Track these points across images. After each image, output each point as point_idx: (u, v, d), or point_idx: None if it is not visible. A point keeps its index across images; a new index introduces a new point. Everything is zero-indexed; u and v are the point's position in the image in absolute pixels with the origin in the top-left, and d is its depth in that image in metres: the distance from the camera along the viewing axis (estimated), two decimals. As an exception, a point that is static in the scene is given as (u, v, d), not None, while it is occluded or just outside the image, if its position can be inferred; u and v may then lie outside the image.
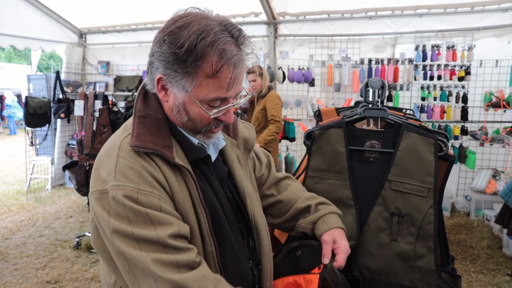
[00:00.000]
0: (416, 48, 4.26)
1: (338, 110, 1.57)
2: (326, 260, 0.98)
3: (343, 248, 1.01)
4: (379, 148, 1.21)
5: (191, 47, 0.78)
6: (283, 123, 3.59)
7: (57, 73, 4.99)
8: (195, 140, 0.92)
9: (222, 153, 1.01)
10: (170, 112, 0.89)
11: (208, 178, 0.92)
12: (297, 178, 1.33)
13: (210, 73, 0.80)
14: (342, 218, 1.16)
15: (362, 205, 1.18)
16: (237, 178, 1.00)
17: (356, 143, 1.24)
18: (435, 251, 1.07)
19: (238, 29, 0.83)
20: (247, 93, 0.91)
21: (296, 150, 4.66)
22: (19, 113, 13.12)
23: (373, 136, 1.23)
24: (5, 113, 13.66)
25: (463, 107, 4.17)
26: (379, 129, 1.28)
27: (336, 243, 1.02)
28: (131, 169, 0.81)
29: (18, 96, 14.03)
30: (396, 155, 1.15)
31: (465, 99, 4.15)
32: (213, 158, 0.97)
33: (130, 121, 0.91)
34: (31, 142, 5.51)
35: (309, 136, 1.30)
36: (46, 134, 5.46)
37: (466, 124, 4.20)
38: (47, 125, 5.25)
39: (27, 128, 5.33)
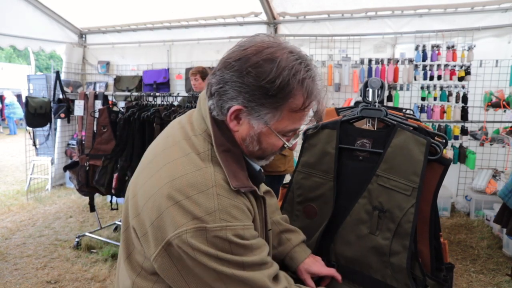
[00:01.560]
0: (416, 48, 4.26)
1: (338, 110, 1.57)
2: (338, 277, 1.09)
3: (324, 271, 1.13)
4: (369, 147, 1.22)
5: (284, 83, 0.78)
6: None
7: (57, 73, 4.99)
8: (256, 167, 0.96)
9: None
10: (241, 142, 0.89)
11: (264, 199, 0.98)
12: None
13: (297, 109, 0.83)
14: (320, 213, 1.25)
15: (346, 199, 1.22)
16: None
17: (347, 141, 1.26)
18: (409, 249, 1.07)
19: (311, 60, 0.86)
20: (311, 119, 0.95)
21: (296, 150, 4.66)
22: (19, 112, 13.14)
23: (365, 135, 1.24)
24: (6, 113, 13.68)
25: (463, 107, 4.17)
26: (371, 129, 1.29)
27: (313, 273, 1.12)
28: (236, 207, 0.82)
29: (18, 96, 14.04)
30: (387, 151, 1.16)
31: (465, 99, 4.15)
32: None
33: (199, 146, 0.86)
34: (33, 142, 5.52)
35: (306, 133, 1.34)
36: (48, 134, 5.46)
37: (466, 124, 4.20)
38: (48, 125, 5.25)
39: (28, 128, 5.33)
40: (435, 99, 4.27)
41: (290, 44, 0.86)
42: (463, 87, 4.18)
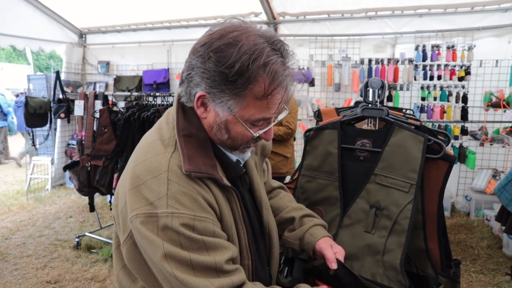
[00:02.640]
0: (416, 48, 4.26)
1: (338, 110, 1.57)
2: (334, 265, 0.97)
3: (341, 252, 1.02)
4: (369, 147, 1.22)
5: (243, 68, 0.74)
6: (295, 131, 3.37)
7: (57, 73, 4.98)
8: (233, 157, 0.91)
9: (244, 162, 0.99)
10: (210, 129, 0.86)
11: (241, 192, 0.92)
12: (296, 177, 1.35)
13: (260, 95, 0.77)
14: (327, 216, 1.20)
15: (348, 201, 1.20)
16: (255, 187, 1.00)
17: (348, 141, 1.25)
18: (404, 247, 1.05)
19: (283, 44, 0.80)
20: (286, 109, 0.89)
21: (297, 150, 4.66)
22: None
23: (365, 135, 1.24)
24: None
25: (463, 107, 4.17)
26: (371, 129, 1.29)
27: (332, 248, 1.02)
28: (186, 194, 0.77)
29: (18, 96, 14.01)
30: (384, 150, 1.15)
31: (465, 99, 4.15)
32: None
33: (165, 134, 0.87)
34: (32, 142, 5.52)
35: (307, 134, 1.33)
36: (48, 134, 5.46)
37: (466, 124, 4.20)
38: (47, 125, 5.25)
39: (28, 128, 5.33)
40: (435, 99, 4.27)
41: (264, 29, 0.81)
42: (463, 87, 4.18)
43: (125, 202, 0.81)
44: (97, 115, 3.50)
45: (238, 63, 0.73)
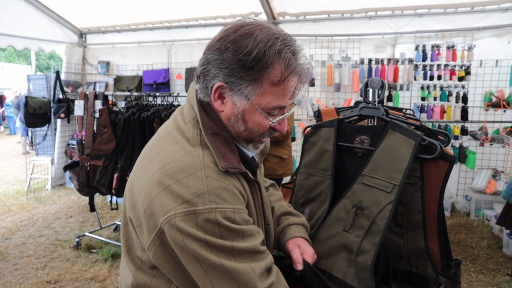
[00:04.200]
0: (416, 48, 4.26)
1: (338, 110, 1.57)
2: (299, 266, 0.97)
3: (309, 253, 1.03)
4: (368, 143, 1.22)
5: (260, 54, 0.79)
6: (292, 132, 3.36)
7: (57, 73, 4.99)
8: (249, 153, 0.95)
9: None
10: (227, 122, 0.89)
11: (252, 186, 0.96)
12: (296, 177, 1.36)
13: (276, 81, 0.82)
14: (317, 213, 1.21)
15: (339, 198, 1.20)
16: (260, 185, 1.03)
17: (347, 139, 1.26)
18: (377, 248, 1.02)
19: (295, 40, 0.86)
20: (295, 103, 0.93)
21: (296, 150, 4.66)
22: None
23: (363, 131, 1.24)
24: (6, 113, 13.67)
25: (463, 107, 4.17)
26: (369, 125, 1.29)
27: (300, 248, 1.04)
28: (226, 189, 0.81)
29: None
30: (375, 152, 1.15)
31: (465, 99, 4.15)
32: None
33: (187, 132, 0.88)
34: (31, 142, 5.52)
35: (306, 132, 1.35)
36: (46, 134, 5.46)
37: (466, 124, 4.20)
38: (47, 125, 5.26)
39: (27, 128, 5.33)
40: (435, 99, 4.27)
41: (276, 26, 0.87)
42: (463, 87, 4.18)
43: (150, 202, 0.80)
44: (97, 115, 3.50)
45: (255, 50, 0.79)
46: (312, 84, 4.65)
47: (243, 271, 0.79)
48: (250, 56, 0.79)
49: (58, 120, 5.43)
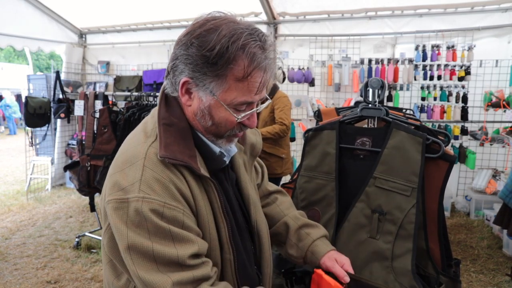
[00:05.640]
0: (416, 48, 4.26)
1: (338, 110, 1.57)
2: (346, 279, 0.97)
3: (347, 263, 1.02)
4: (369, 145, 1.22)
5: (223, 49, 0.77)
6: (290, 127, 3.30)
7: (57, 73, 4.98)
8: (216, 149, 0.91)
9: (231, 159, 0.99)
10: (193, 116, 0.87)
11: (224, 186, 0.92)
12: (296, 177, 1.35)
13: (240, 76, 0.80)
14: (323, 216, 1.20)
15: (347, 201, 1.19)
16: (243, 185, 1.00)
17: (347, 140, 1.25)
18: (413, 252, 1.05)
19: (263, 34, 0.83)
20: (268, 98, 0.91)
21: (296, 150, 4.66)
22: (18, 110, 13.21)
23: (364, 133, 1.24)
24: (6, 113, 13.68)
25: (463, 107, 4.17)
26: (370, 126, 1.29)
27: (338, 262, 1.01)
28: (158, 181, 0.79)
29: (18, 96, 14.03)
30: (383, 153, 1.15)
31: (465, 99, 4.15)
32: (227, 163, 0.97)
33: (149, 126, 0.89)
34: (31, 142, 5.52)
35: (307, 134, 1.34)
36: (46, 134, 5.46)
37: (466, 124, 4.20)
38: (47, 125, 5.25)
39: (27, 128, 5.33)
40: (435, 99, 4.27)
41: (246, 21, 0.85)
42: (463, 87, 4.18)
43: (104, 192, 0.84)
44: (97, 115, 3.50)
45: (218, 45, 0.77)
46: (312, 84, 4.65)
47: (156, 281, 0.75)
48: (213, 52, 0.77)
49: (58, 120, 5.43)
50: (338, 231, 1.18)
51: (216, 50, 0.77)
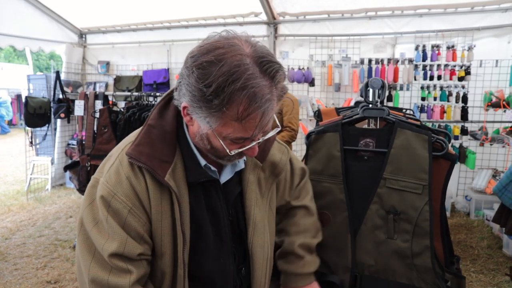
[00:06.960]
0: (416, 48, 4.26)
1: (338, 110, 1.58)
2: None
3: None
4: (373, 145, 1.22)
5: (219, 89, 0.71)
6: (298, 130, 3.21)
7: (57, 73, 4.99)
8: (202, 161, 0.89)
9: (239, 173, 0.96)
10: (194, 136, 0.87)
11: (211, 197, 0.90)
12: None
13: (236, 118, 0.75)
14: (334, 219, 1.21)
15: (357, 203, 1.20)
16: (247, 203, 0.96)
17: (351, 142, 1.26)
18: (432, 248, 1.07)
19: (272, 65, 0.75)
20: (278, 125, 0.87)
21: (296, 150, 4.66)
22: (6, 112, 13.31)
23: (367, 134, 1.24)
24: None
25: (463, 107, 4.17)
26: (373, 127, 1.29)
27: None
28: (117, 174, 0.84)
29: (18, 96, 14.00)
30: (390, 153, 1.16)
31: (465, 99, 4.15)
32: (227, 178, 0.94)
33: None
34: (31, 142, 5.51)
35: (309, 137, 1.32)
36: (46, 134, 5.45)
37: (466, 124, 4.20)
38: (47, 125, 5.25)
39: (27, 128, 5.32)
40: (435, 99, 4.27)
41: (259, 46, 0.77)
42: (463, 87, 4.18)
43: None
44: (97, 115, 3.50)
45: (215, 83, 0.72)
46: (312, 84, 4.66)
47: (83, 263, 0.83)
48: (209, 89, 0.72)
49: (58, 120, 5.43)
50: (356, 234, 1.18)
51: (212, 88, 0.72)
